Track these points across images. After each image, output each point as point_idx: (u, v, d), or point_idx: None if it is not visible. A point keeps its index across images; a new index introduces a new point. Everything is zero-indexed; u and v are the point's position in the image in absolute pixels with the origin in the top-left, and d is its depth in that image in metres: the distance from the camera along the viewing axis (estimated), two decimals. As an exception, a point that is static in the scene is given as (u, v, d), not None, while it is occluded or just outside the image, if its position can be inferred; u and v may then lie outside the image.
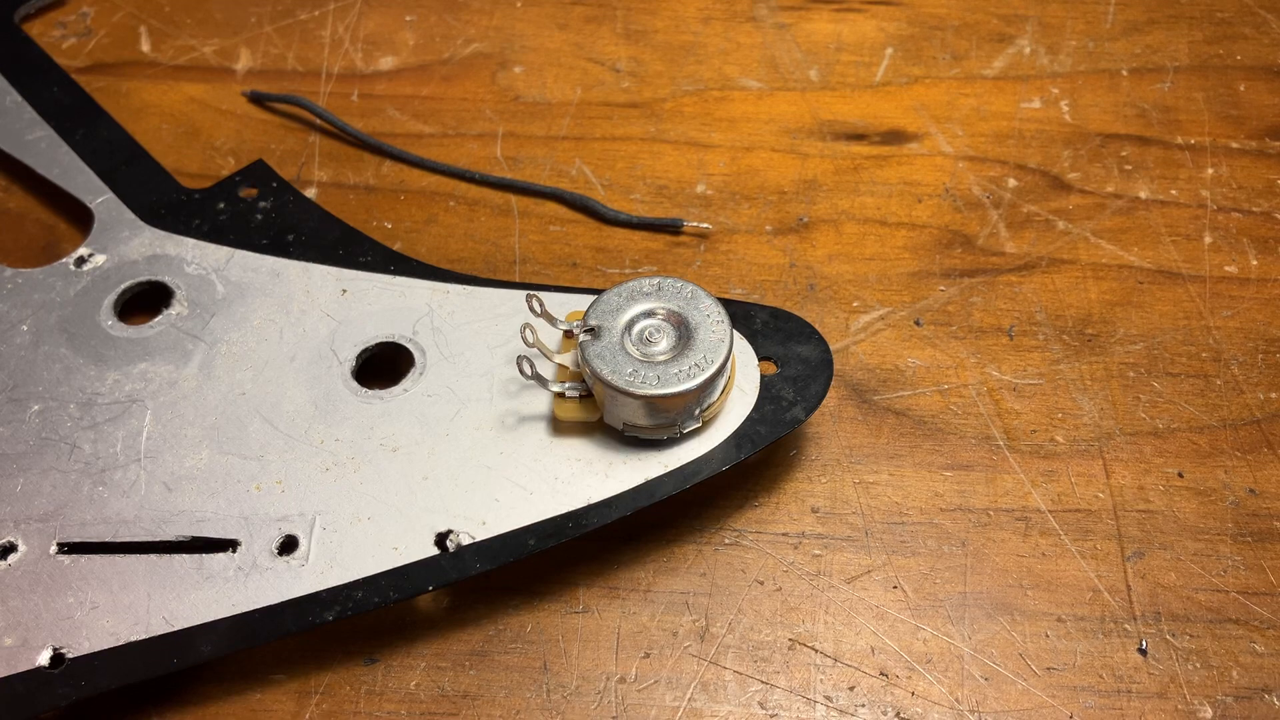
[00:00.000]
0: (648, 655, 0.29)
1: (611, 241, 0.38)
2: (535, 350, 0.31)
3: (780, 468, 0.33)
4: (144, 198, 0.37)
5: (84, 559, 0.28)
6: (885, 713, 0.28)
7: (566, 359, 0.31)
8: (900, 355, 0.35)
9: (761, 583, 0.30)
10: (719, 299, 0.30)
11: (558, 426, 0.30)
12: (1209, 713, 0.28)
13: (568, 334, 0.30)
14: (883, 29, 0.45)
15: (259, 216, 0.36)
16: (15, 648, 0.27)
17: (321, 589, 0.28)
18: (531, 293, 0.30)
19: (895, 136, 0.41)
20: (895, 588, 0.30)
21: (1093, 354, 0.35)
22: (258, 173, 0.38)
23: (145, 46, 0.45)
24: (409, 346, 0.32)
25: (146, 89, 0.44)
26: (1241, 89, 0.42)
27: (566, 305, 0.32)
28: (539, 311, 0.30)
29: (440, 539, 0.28)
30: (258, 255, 0.35)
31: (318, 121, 0.42)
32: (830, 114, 0.42)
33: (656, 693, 0.28)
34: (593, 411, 0.30)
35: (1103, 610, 0.30)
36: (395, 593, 0.27)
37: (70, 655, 0.27)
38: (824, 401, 0.30)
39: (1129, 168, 0.40)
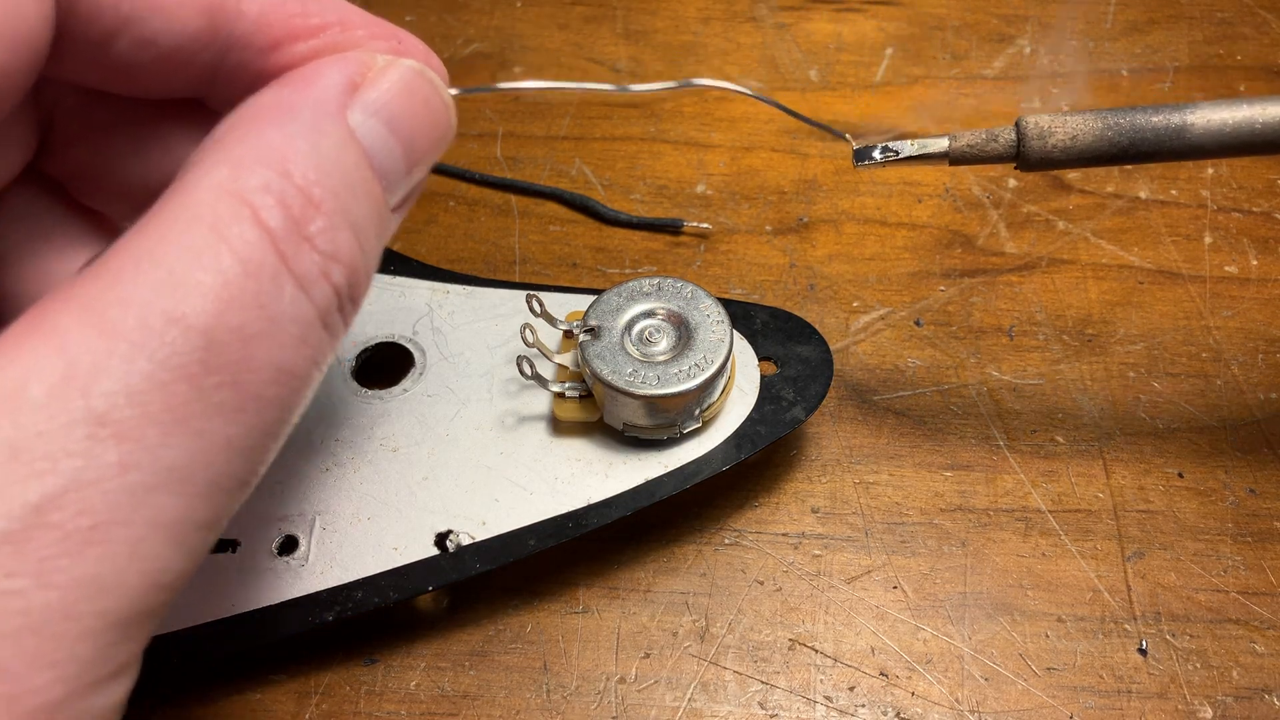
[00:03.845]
0: (648, 655, 0.29)
1: (611, 241, 0.38)
2: (535, 350, 0.31)
3: (780, 468, 0.33)
4: (144, 198, 0.37)
5: (84, 559, 0.28)
6: (885, 713, 0.28)
7: (566, 359, 0.31)
8: (900, 355, 0.35)
9: (761, 583, 0.30)
10: (719, 299, 0.30)
11: (558, 426, 0.30)
12: (1209, 713, 0.28)
13: (568, 334, 0.30)
14: (883, 29, 0.45)
15: (259, 216, 0.36)
16: (15, 648, 0.27)
17: (321, 589, 0.27)
18: (531, 293, 0.30)
19: (895, 137, 0.41)
20: (895, 588, 0.30)
21: (1093, 354, 0.35)
22: (258, 173, 0.38)
23: (145, 46, 0.45)
24: (409, 346, 0.32)
25: (146, 89, 0.44)
26: (1241, 89, 0.42)
27: (566, 305, 0.32)
28: (539, 311, 0.30)
29: (440, 539, 0.28)
30: (258, 255, 0.35)
31: (318, 121, 0.42)
32: (830, 114, 0.42)
33: (656, 693, 0.28)
34: (593, 411, 0.30)
35: (1103, 610, 0.30)
36: (395, 593, 0.27)
37: (70, 655, 0.27)
38: (824, 401, 0.30)
39: (1129, 168, 0.40)
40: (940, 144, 0.26)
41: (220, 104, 0.20)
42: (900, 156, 0.27)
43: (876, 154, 0.27)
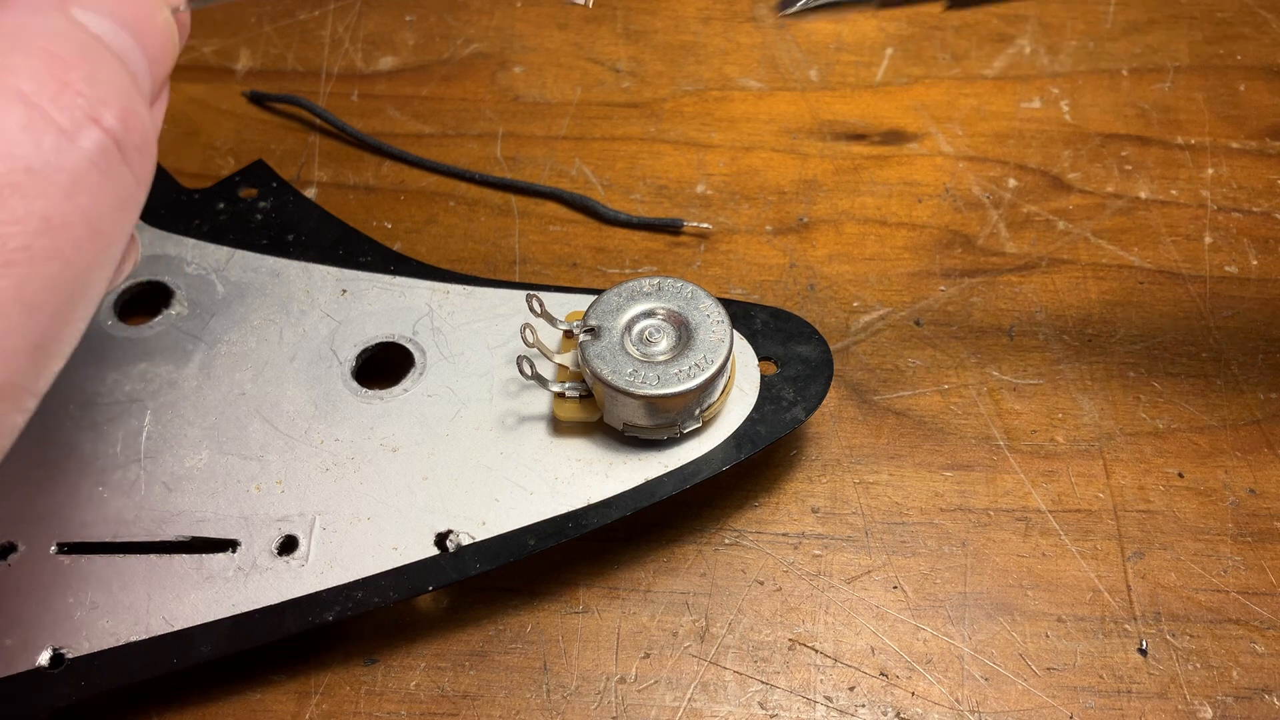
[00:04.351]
0: (648, 655, 0.29)
1: (611, 241, 0.38)
2: (535, 350, 0.31)
3: (780, 468, 0.33)
4: (144, 198, 0.37)
5: (84, 559, 0.28)
6: (885, 713, 0.28)
7: (566, 359, 0.31)
8: (900, 355, 0.35)
9: (761, 583, 0.30)
10: (719, 299, 0.30)
11: (558, 426, 0.30)
12: (1209, 713, 0.28)
13: (568, 334, 0.30)
14: (883, 29, 0.45)
15: (259, 216, 0.36)
16: (15, 648, 0.27)
17: (321, 589, 0.27)
18: (531, 293, 0.30)
19: (895, 136, 0.41)
20: (895, 588, 0.30)
21: (1093, 354, 0.35)
22: (257, 173, 0.38)
23: (145, 46, 0.45)
24: (409, 346, 0.32)
25: (146, 89, 0.44)
26: (1241, 89, 0.42)
27: (566, 305, 0.32)
28: (539, 311, 0.30)
29: (440, 539, 0.28)
30: (258, 255, 0.35)
31: (318, 121, 0.42)
32: (830, 114, 0.42)
33: (656, 693, 0.28)
34: (593, 411, 0.30)
35: (1103, 610, 0.30)
36: (395, 593, 0.27)
37: (70, 655, 0.27)
38: (824, 401, 0.30)
39: (1129, 168, 0.40)
40: None
41: None
42: (823, 2, 0.26)
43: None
